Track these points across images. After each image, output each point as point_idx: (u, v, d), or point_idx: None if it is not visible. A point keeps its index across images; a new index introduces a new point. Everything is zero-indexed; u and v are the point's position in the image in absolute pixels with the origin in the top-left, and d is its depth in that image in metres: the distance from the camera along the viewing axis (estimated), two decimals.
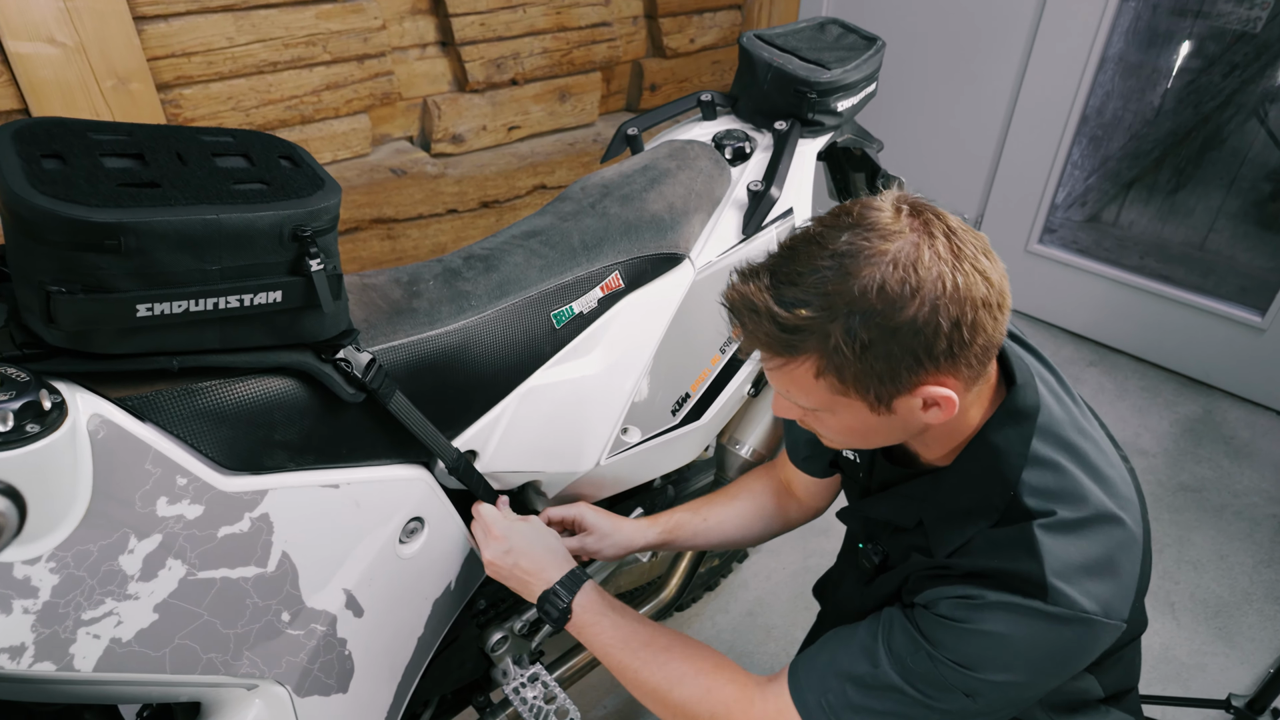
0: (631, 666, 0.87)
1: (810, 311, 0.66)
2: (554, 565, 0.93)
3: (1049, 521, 0.72)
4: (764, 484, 1.11)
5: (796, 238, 0.71)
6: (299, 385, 0.76)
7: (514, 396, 0.95)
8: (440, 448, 0.88)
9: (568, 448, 1.04)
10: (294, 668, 0.78)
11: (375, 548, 0.85)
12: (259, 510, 0.73)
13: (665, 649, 0.87)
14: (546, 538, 0.96)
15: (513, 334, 0.93)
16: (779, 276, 0.69)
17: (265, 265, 0.67)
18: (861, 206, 0.69)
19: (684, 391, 1.11)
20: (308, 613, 0.79)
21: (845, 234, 0.67)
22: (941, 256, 0.66)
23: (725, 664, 0.87)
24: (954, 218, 0.69)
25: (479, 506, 0.97)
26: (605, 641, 0.89)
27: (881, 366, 0.67)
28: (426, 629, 0.96)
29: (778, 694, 0.82)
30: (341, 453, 0.80)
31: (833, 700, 0.78)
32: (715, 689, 0.84)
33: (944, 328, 0.66)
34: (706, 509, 1.09)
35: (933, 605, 0.75)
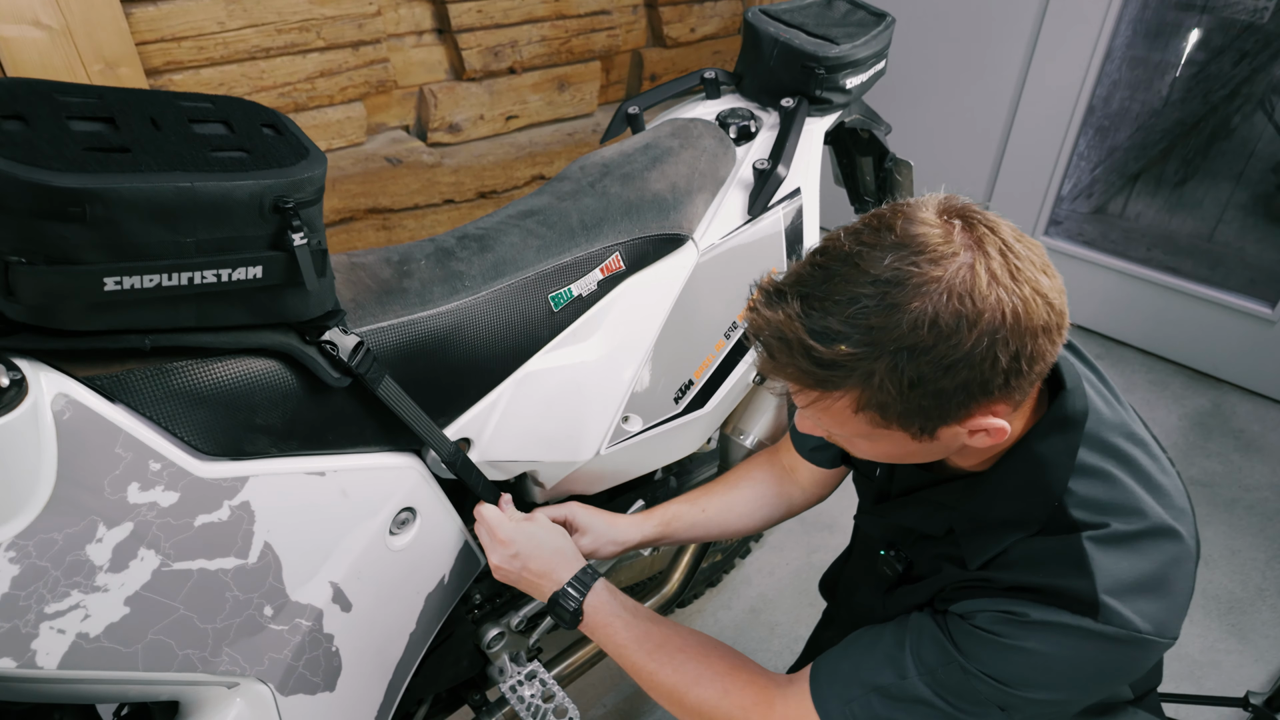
0: (647, 668, 0.84)
1: (851, 347, 0.60)
2: (563, 565, 0.89)
3: (1101, 535, 0.67)
4: (765, 470, 1.07)
5: (830, 255, 0.63)
6: (282, 367, 0.72)
7: (510, 382, 0.91)
8: (435, 440, 0.84)
9: (566, 436, 1.00)
10: (277, 665, 0.74)
11: (364, 539, 0.81)
12: (239, 498, 0.69)
13: (680, 649, 0.84)
14: (554, 537, 0.92)
15: (509, 316, 0.89)
16: (812, 303, 0.62)
17: (244, 239, 0.63)
18: (904, 220, 0.62)
19: (687, 378, 1.07)
20: (292, 607, 0.75)
21: (889, 256, 0.60)
22: (999, 280, 0.59)
23: (743, 664, 0.83)
24: (1006, 226, 0.62)
25: (481, 509, 0.93)
26: (619, 642, 0.86)
27: (930, 403, 0.62)
28: (419, 624, 0.92)
29: (799, 699, 0.78)
30: (328, 439, 0.76)
31: (858, 711, 0.75)
32: (733, 691, 0.80)
33: (1002, 361, 0.60)
34: (705, 499, 1.05)
35: (970, 617, 0.70)
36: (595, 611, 0.87)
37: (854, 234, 0.64)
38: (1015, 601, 0.68)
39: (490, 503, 0.95)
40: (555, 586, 0.88)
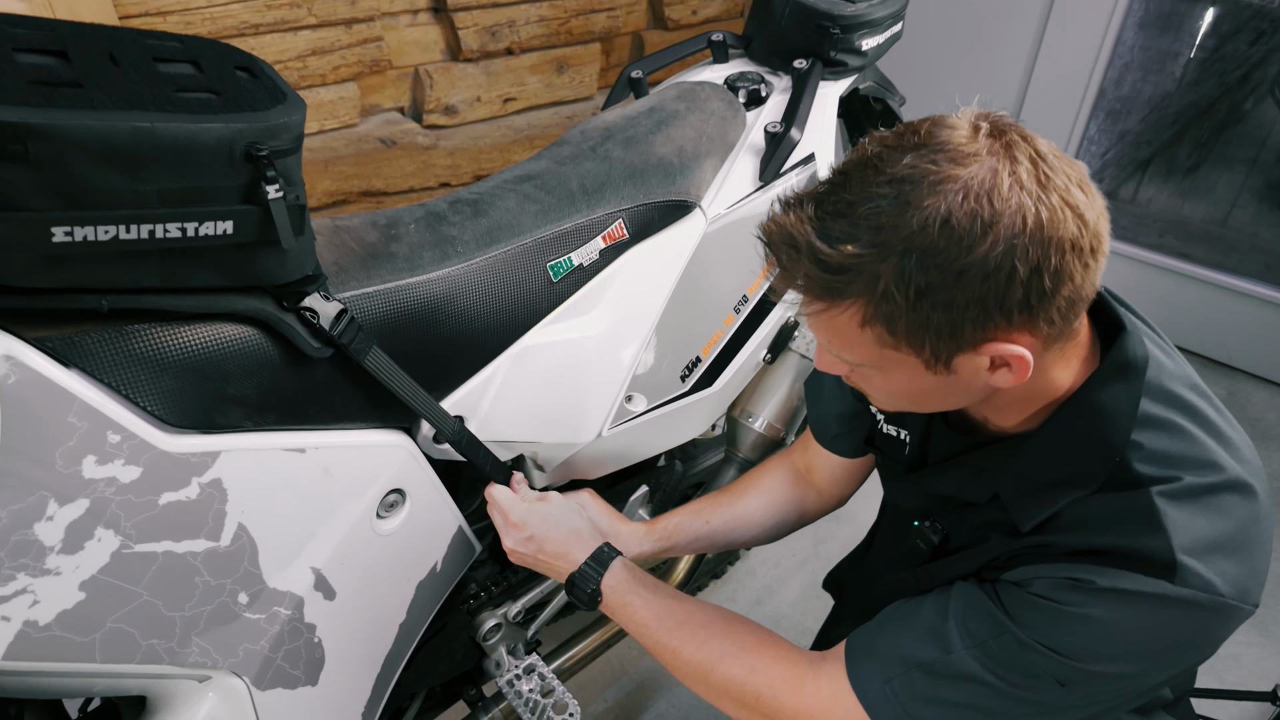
0: (669, 646, 0.80)
1: (858, 248, 0.56)
2: (580, 545, 0.85)
3: (1173, 489, 0.62)
4: (776, 477, 1.01)
5: (850, 161, 0.61)
6: (257, 334, 0.66)
7: (506, 357, 0.86)
8: (434, 415, 0.79)
9: (566, 416, 0.94)
10: (253, 657, 0.69)
11: (348, 522, 0.76)
12: (209, 475, 0.63)
13: (704, 625, 0.79)
14: (569, 516, 0.88)
15: (504, 286, 0.83)
16: (826, 206, 0.59)
17: (213, 190, 0.57)
18: (932, 124, 0.58)
19: (694, 355, 1.02)
20: (269, 594, 0.70)
21: (908, 156, 0.56)
22: (1023, 185, 0.55)
23: (771, 641, 0.79)
24: (1045, 142, 0.58)
25: (492, 490, 0.88)
26: (639, 620, 0.82)
27: (940, 318, 0.57)
28: (409, 615, 0.86)
29: (832, 677, 0.73)
30: (308, 413, 0.71)
31: (898, 689, 0.69)
32: (760, 668, 0.76)
33: (1020, 273, 0.54)
34: (710, 510, 0.99)
35: (1027, 584, 0.65)
36: (613, 591, 0.83)
37: (879, 140, 0.60)
38: (1079, 566, 0.62)
39: (501, 483, 0.90)
40: (572, 567, 0.84)
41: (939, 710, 0.68)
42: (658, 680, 1.61)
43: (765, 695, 0.75)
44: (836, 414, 0.91)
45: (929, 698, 0.68)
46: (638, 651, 1.66)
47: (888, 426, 0.85)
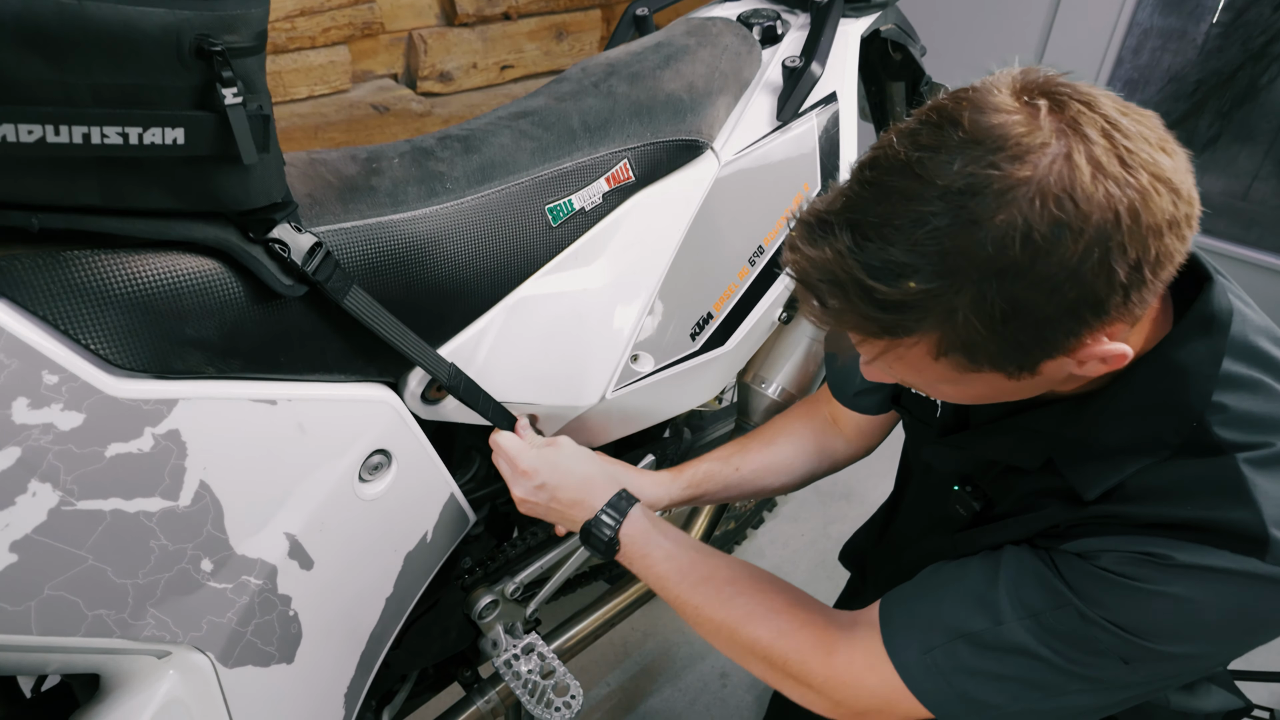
0: (691, 602, 0.75)
1: (923, 282, 0.49)
2: (595, 492, 0.80)
3: (1261, 456, 0.55)
4: (804, 423, 0.95)
5: (882, 167, 0.51)
6: (219, 268, 0.59)
7: (501, 309, 0.78)
8: (426, 359, 0.71)
9: (567, 377, 0.87)
10: (219, 631, 0.62)
11: (327, 485, 0.68)
12: (165, 425, 0.56)
13: (729, 582, 0.75)
14: (582, 463, 0.82)
15: (499, 229, 0.76)
16: (866, 231, 0.50)
17: (159, 90, 0.49)
18: (972, 109, 0.49)
19: (705, 311, 0.94)
20: (237, 562, 0.62)
21: (958, 159, 0.48)
22: (1106, 170, 0.46)
23: (800, 601, 0.74)
24: (1106, 98, 0.49)
25: (498, 438, 0.82)
26: (660, 573, 0.77)
27: (1029, 336, 0.50)
28: (396, 588, 0.79)
29: (866, 645, 0.67)
30: (279, 361, 0.63)
31: (940, 660, 0.63)
32: (789, 632, 0.71)
33: (1120, 274, 0.47)
34: (739, 456, 0.93)
35: (1092, 557, 0.58)
36: (632, 541, 0.78)
37: (909, 136, 0.51)
38: (1155, 539, 0.55)
39: (506, 429, 0.83)
40: (588, 515, 0.79)
41: (986, 683, 0.62)
42: (663, 663, 1.55)
43: (793, 660, 0.70)
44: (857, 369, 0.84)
45: (974, 670, 0.62)
46: (641, 633, 1.59)
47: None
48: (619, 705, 1.47)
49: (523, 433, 0.84)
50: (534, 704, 0.97)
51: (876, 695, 0.67)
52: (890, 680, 0.65)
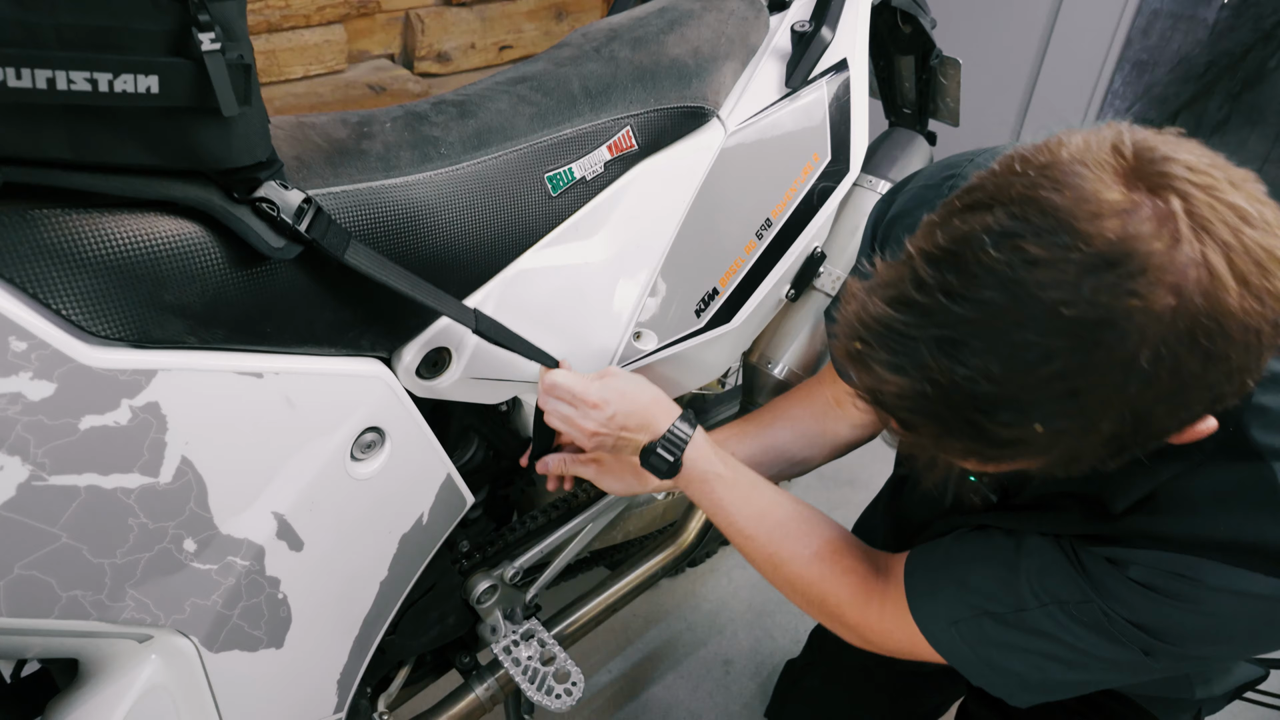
0: (744, 532, 0.78)
1: (1050, 424, 0.44)
2: (662, 414, 0.79)
3: None
4: (804, 406, 0.91)
5: (967, 271, 0.44)
6: (200, 231, 0.55)
7: (499, 281, 0.75)
8: (449, 307, 0.67)
9: (567, 354, 0.84)
10: (204, 614, 0.59)
11: (317, 463, 0.65)
12: (143, 397, 0.53)
13: (780, 523, 0.77)
14: (645, 386, 0.80)
15: (495, 197, 0.72)
16: (965, 358, 0.44)
17: (130, 34, 0.46)
18: (1078, 201, 0.42)
19: (711, 287, 0.91)
20: (222, 542, 0.60)
21: (1085, 282, 0.41)
22: (1250, 284, 0.41)
23: (845, 549, 0.75)
24: (1221, 175, 0.43)
25: (552, 376, 0.78)
26: (715, 500, 0.79)
27: (1141, 439, 0.47)
28: (391, 571, 0.77)
29: (895, 605, 0.69)
30: (265, 331, 0.60)
31: (966, 632, 0.64)
32: (829, 578, 0.74)
33: (1252, 381, 0.45)
34: (735, 441, 0.90)
35: (1122, 565, 0.55)
36: (694, 465, 0.78)
37: (1007, 239, 0.43)
38: (1186, 559, 0.53)
39: (550, 366, 0.79)
40: (654, 437, 0.78)
41: (1010, 654, 0.63)
42: (666, 650, 1.53)
43: (830, 603, 0.74)
44: None
45: (999, 643, 0.63)
46: (644, 620, 1.57)
47: None
48: (620, 692, 1.45)
49: (570, 368, 0.81)
50: (534, 691, 0.94)
51: (904, 646, 0.70)
52: (918, 638, 0.67)
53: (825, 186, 0.94)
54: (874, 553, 0.77)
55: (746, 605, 1.62)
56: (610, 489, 0.87)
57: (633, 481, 0.85)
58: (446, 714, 0.98)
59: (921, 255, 0.46)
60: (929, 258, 0.46)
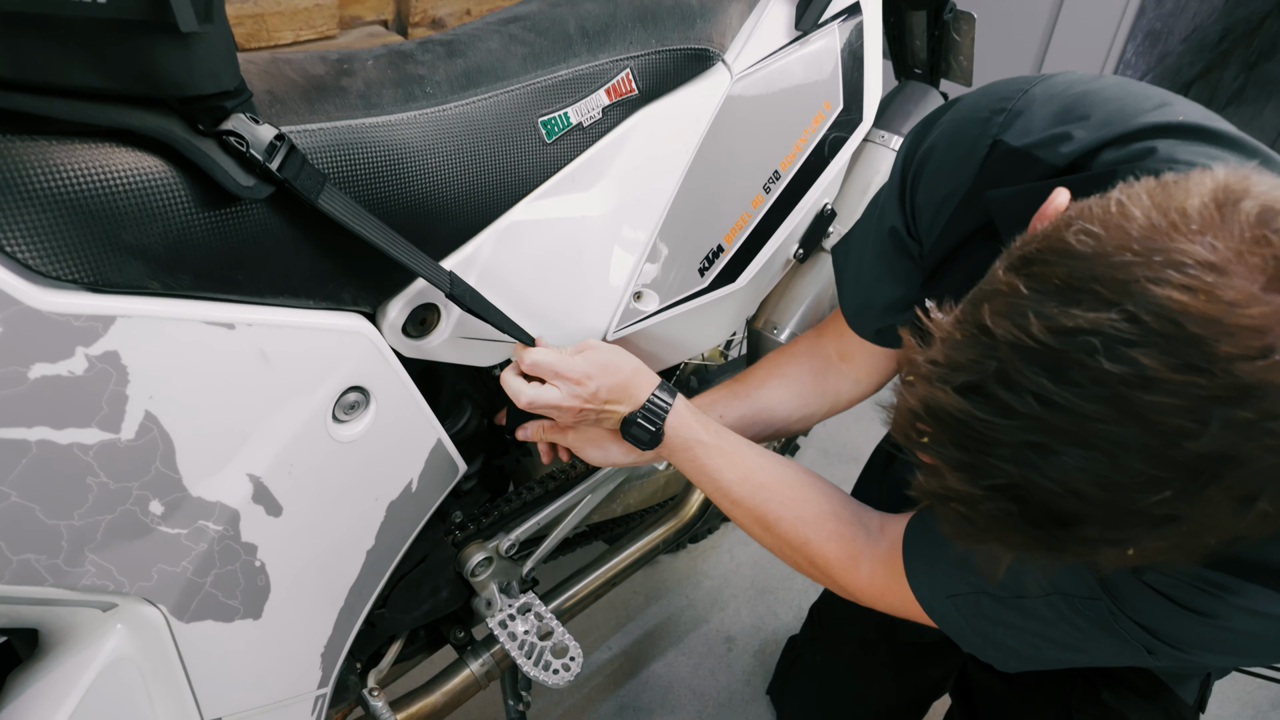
0: (729, 497, 0.77)
1: (1136, 549, 0.40)
2: (641, 384, 0.77)
3: None
4: (803, 363, 0.86)
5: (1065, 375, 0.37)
6: (162, 165, 0.51)
7: (490, 233, 0.71)
8: (424, 267, 0.63)
9: (564, 315, 0.79)
10: (172, 581, 0.55)
11: (295, 423, 0.61)
12: (101, 345, 0.49)
13: (763, 486, 0.75)
14: (624, 356, 0.78)
15: (486, 142, 0.68)
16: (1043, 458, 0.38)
17: None
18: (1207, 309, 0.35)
19: (716, 244, 0.86)
20: (192, 505, 0.56)
21: (1214, 418, 0.35)
22: None
23: (831, 513, 0.74)
24: None
25: (534, 354, 0.74)
26: (698, 466, 0.78)
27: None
28: (379, 541, 0.73)
29: (889, 569, 0.69)
30: (236, 279, 0.56)
31: (963, 605, 0.64)
32: (815, 542, 0.73)
33: None
34: (725, 402, 0.85)
35: (1140, 569, 0.52)
36: (675, 433, 0.77)
37: (1118, 342, 0.36)
38: (1218, 574, 0.49)
39: (526, 343, 0.76)
40: (634, 407, 0.76)
41: (1007, 630, 0.63)
42: (666, 627, 1.50)
43: (819, 564, 0.74)
44: (886, 303, 0.75)
45: (997, 619, 0.63)
46: (644, 597, 1.54)
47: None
48: (620, 669, 1.42)
49: (546, 344, 0.77)
50: (531, 666, 0.91)
51: (897, 608, 0.70)
52: (912, 603, 0.67)
53: (837, 137, 0.89)
54: (865, 512, 0.75)
55: (749, 582, 1.58)
56: (593, 459, 0.83)
57: (615, 451, 0.81)
58: (440, 690, 0.95)
59: (1012, 346, 0.38)
60: (1021, 351, 0.38)
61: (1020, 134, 0.61)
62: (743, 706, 1.39)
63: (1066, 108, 0.59)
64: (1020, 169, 0.60)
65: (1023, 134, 0.60)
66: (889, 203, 0.72)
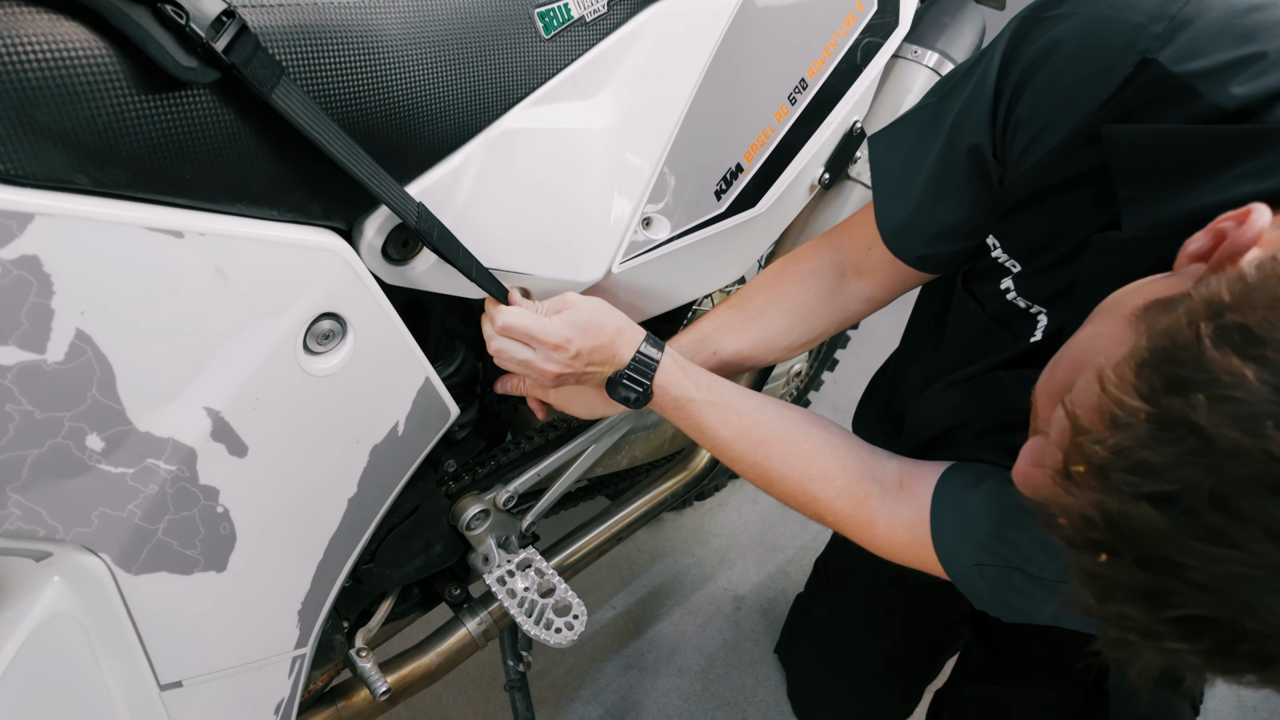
0: (728, 455, 0.72)
1: None
2: (626, 341, 0.71)
3: None
4: (807, 285, 0.75)
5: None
6: (85, 33, 0.43)
7: (480, 143, 0.62)
8: (387, 191, 0.55)
9: (564, 240, 0.71)
10: (116, 527, 0.48)
11: (259, 351, 0.54)
12: (17, 248, 0.41)
13: (763, 443, 0.70)
14: (606, 313, 0.71)
15: (474, 33, 0.59)
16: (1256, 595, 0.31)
17: None
18: None
19: (734, 162, 0.78)
20: (139, 440, 0.48)
21: None
22: None
23: (839, 469, 0.68)
24: None
25: (506, 317, 0.68)
26: (693, 424, 0.72)
27: None
28: (361, 488, 0.66)
29: (911, 524, 0.65)
30: (183, 178, 0.48)
31: (990, 575, 0.61)
32: (823, 500, 0.69)
33: None
34: (719, 336, 0.77)
35: None
36: (664, 391, 0.72)
37: None
38: None
39: (499, 299, 0.68)
40: (619, 367, 0.71)
41: (1033, 603, 0.60)
42: (672, 586, 1.44)
43: (828, 519, 0.70)
44: (940, 228, 0.64)
45: (1026, 593, 0.60)
46: (649, 555, 1.48)
47: (1019, 296, 0.60)
48: (624, 629, 1.37)
49: (520, 302, 0.70)
50: (532, 625, 0.85)
51: (913, 563, 0.67)
52: (928, 558, 0.64)
53: (870, 43, 0.80)
54: (879, 463, 0.68)
55: (757, 540, 1.53)
56: (579, 414, 0.79)
57: (602, 407, 0.77)
58: (434, 650, 0.89)
59: (1239, 460, 0.30)
60: (1254, 473, 0.30)
61: (1182, 55, 0.46)
62: (751, 666, 1.34)
63: (1257, 29, 0.44)
64: (1169, 102, 0.46)
65: (1185, 55, 0.46)
66: (975, 109, 0.57)
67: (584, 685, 1.28)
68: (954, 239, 0.65)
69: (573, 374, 0.71)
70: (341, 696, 0.83)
